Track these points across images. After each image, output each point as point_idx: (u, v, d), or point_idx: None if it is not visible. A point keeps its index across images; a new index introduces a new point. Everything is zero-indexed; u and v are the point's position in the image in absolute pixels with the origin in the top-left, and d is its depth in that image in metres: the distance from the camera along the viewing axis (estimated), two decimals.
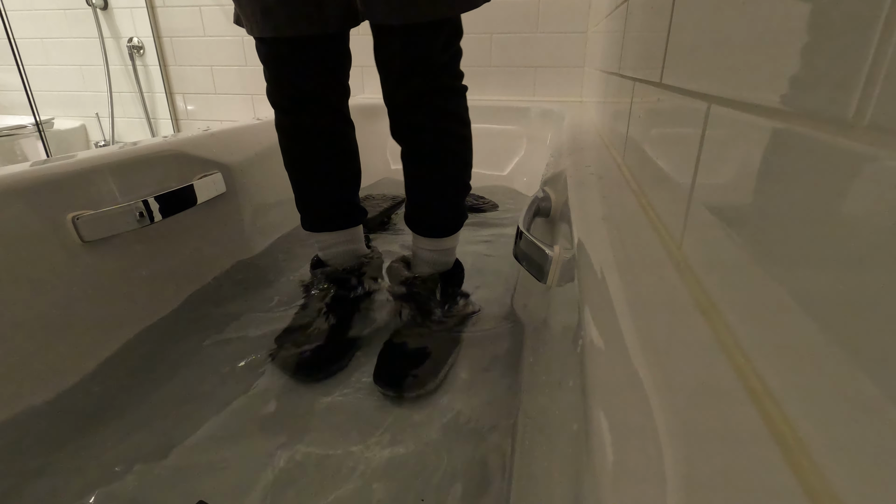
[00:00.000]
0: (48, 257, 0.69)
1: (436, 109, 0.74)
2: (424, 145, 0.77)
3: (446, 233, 0.83)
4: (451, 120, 0.76)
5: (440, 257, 0.85)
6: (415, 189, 0.82)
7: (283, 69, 0.74)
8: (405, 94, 0.73)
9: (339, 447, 0.60)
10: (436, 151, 0.77)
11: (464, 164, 0.80)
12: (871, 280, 0.18)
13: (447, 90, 0.74)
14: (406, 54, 0.69)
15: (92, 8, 2.06)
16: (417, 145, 0.77)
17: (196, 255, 0.97)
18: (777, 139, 0.26)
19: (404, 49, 0.69)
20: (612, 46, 1.02)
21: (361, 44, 0.81)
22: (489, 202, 1.54)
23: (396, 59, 0.71)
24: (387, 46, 0.71)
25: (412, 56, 0.69)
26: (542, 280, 0.56)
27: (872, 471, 0.17)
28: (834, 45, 0.21)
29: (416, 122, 0.75)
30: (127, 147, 0.85)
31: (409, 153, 0.79)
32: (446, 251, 0.86)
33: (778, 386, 0.24)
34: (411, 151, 0.79)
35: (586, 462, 0.26)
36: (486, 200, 1.55)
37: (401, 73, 0.71)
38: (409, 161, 0.80)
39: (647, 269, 0.39)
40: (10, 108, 2.25)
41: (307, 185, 0.82)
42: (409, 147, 0.79)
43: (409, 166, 0.80)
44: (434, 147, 0.76)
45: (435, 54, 0.70)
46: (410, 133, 0.77)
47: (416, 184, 0.81)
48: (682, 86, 0.44)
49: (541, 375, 0.55)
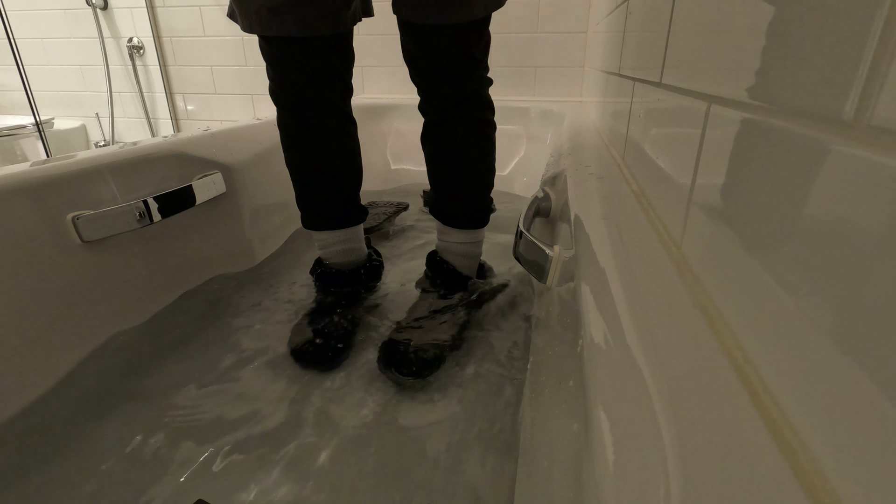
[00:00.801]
0: (48, 257, 0.69)
1: (478, 99, 0.79)
2: (468, 136, 0.80)
3: (480, 223, 0.86)
4: (488, 109, 0.81)
5: (473, 249, 0.88)
6: (449, 182, 0.84)
7: (288, 68, 0.74)
8: (450, 92, 0.76)
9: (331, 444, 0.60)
10: (478, 142, 0.81)
11: (494, 150, 0.84)
12: (870, 280, 0.18)
13: (487, 81, 0.80)
14: (450, 55, 0.73)
15: (92, 8, 2.06)
16: (459, 136, 0.80)
17: (196, 255, 0.97)
18: (777, 139, 0.26)
19: (447, 50, 0.72)
20: (612, 46, 1.02)
21: (361, 43, 0.81)
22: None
23: (441, 61, 0.74)
24: (427, 48, 0.73)
25: (457, 57, 0.73)
26: (542, 280, 0.56)
27: (873, 471, 0.17)
28: (834, 46, 0.21)
29: (460, 116, 0.78)
30: (127, 147, 0.85)
31: (447, 144, 0.81)
32: (478, 243, 0.88)
33: (778, 386, 0.24)
34: (450, 143, 0.81)
35: (586, 462, 0.26)
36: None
37: (446, 74, 0.75)
38: (446, 153, 0.82)
39: (647, 269, 0.39)
40: (10, 108, 2.26)
41: (308, 183, 0.82)
42: (450, 138, 0.81)
43: (447, 160, 0.82)
44: (476, 137, 0.80)
45: (477, 52, 0.75)
46: (453, 127, 0.79)
47: (454, 177, 0.83)
48: (682, 86, 0.44)
49: (541, 375, 0.55)
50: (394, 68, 1.86)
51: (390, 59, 1.85)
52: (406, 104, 1.80)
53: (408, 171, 1.81)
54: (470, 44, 0.73)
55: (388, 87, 1.90)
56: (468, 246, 0.87)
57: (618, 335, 0.31)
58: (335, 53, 0.74)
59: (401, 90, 1.91)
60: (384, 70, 1.89)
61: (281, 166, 0.83)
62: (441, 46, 0.72)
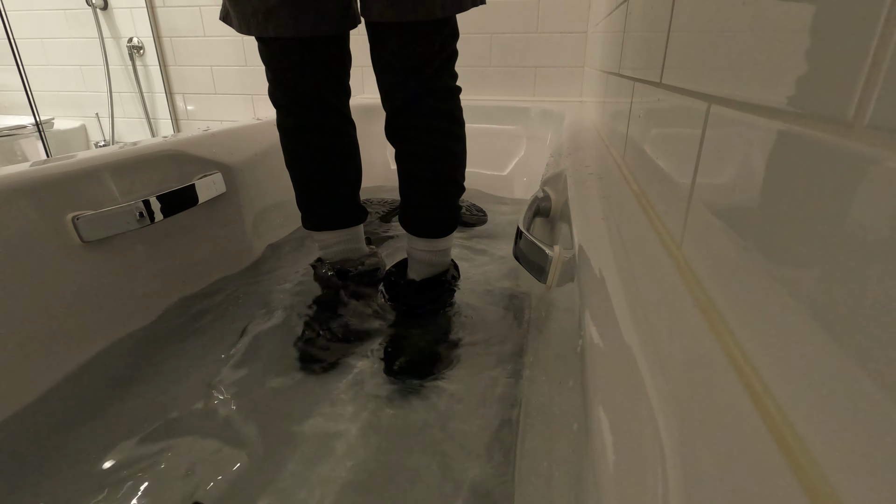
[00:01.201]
0: (48, 257, 0.69)
1: (432, 109, 0.75)
2: (420, 145, 0.77)
3: (441, 233, 0.83)
4: (446, 120, 0.77)
5: (436, 258, 0.86)
6: (410, 189, 0.82)
7: (285, 70, 0.74)
8: (402, 94, 0.74)
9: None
10: (431, 151, 0.77)
11: (458, 163, 0.81)
12: (870, 280, 0.18)
13: (444, 90, 0.75)
14: (404, 54, 0.70)
15: (92, 8, 2.06)
16: (413, 145, 0.78)
17: (196, 255, 0.97)
18: (777, 139, 0.26)
19: (402, 49, 0.70)
20: (612, 46, 1.02)
21: (361, 44, 0.81)
22: (477, 214, 1.43)
23: (394, 58, 0.71)
24: (384, 46, 0.72)
25: (410, 56, 0.70)
26: (542, 280, 0.56)
27: (873, 470, 0.17)
28: (834, 45, 0.21)
29: (411, 122, 0.76)
30: (127, 147, 0.85)
31: (404, 153, 0.79)
32: (442, 252, 0.86)
33: (778, 385, 0.24)
34: (406, 151, 0.79)
35: (586, 462, 0.26)
36: (475, 212, 1.44)
37: (398, 72, 0.72)
38: (403, 161, 0.80)
39: (647, 269, 0.39)
40: (10, 108, 2.25)
41: (308, 184, 0.82)
42: (405, 147, 0.79)
43: (404, 167, 0.81)
44: (429, 147, 0.77)
45: (433, 55, 0.71)
46: (406, 132, 0.77)
47: (412, 184, 0.81)
48: (682, 86, 0.44)
49: (541, 375, 0.55)
50: None
51: None
52: None
53: None
54: (426, 45, 0.70)
55: None
56: (429, 254, 0.84)
57: (618, 335, 0.31)
58: (332, 55, 0.74)
59: None
60: None
61: (281, 166, 0.83)
62: (396, 45, 0.70)
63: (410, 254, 0.87)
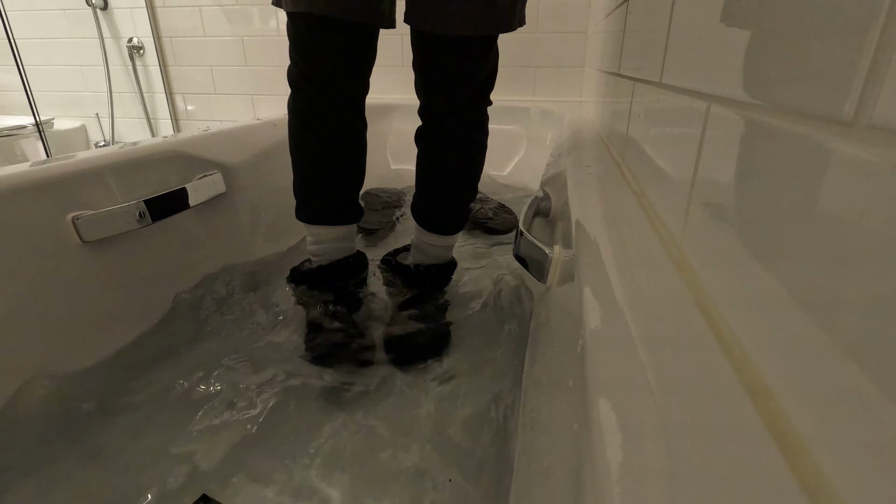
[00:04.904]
0: (48, 257, 0.69)
1: (469, 120, 0.83)
2: (452, 151, 0.83)
3: (453, 231, 0.90)
4: (478, 130, 0.85)
5: (441, 252, 0.92)
6: (430, 188, 0.87)
7: (308, 48, 0.73)
8: (445, 103, 0.80)
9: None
10: (460, 157, 0.84)
11: (479, 170, 0.88)
12: (870, 279, 0.18)
13: (484, 107, 0.83)
14: (452, 66, 0.76)
15: (92, 8, 2.06)
16: (445, 151, 0.83)
17: (196, 255, 0.97)
18: (777, 139, 0.26)
19: (452, 61, 0.75)
20: (612, 46, 1.02)
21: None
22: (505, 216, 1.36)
23: (444, 70, 0.77)
24: (435, 56, 0.76)
25: (459, 70, 0.76)
26: (542, 280, 0.56)
27: (872, 470, 0.17)
28: (833, 45, 0.21)
29: (448, 129, 0.82)
30: (127, 147, 0.85)
31: (432, 154, 0.85)
32: (447, 247, 0.92)
33: (778, 385, 0.24)
34: (436, 154, 0.84)
35: (586, 462, 0.26)
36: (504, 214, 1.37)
37: (446, 83, 0.78)
38: (430, 162, 0.86)
39: (647, 268, 0.39)
40: (10, 108, 2.25)
41: (312, 176, 0.81)
42: (435, 149, 0.84)
43: (430, 167, 0.86)
44: (459, 153, 0.83)
45: (480, 72, 0.77)
46: (441, 139, 0.83)
47: (435, 184, 0.87)
48: (682, 86, 0.44)
49: (541, 375, 0.55)
50: (394, 68, 1.86)
51: (391, 59, 1.85)
52: (406, 104, 1.80)
53: (408, 170, 1.80)
54: (473, 60, 0.76)
55: (388, 87, 1.90)
56: (436, 248, 0.91)
57: (618, 335, 0.31)
58: (358, 45, 0.74)
59: (401, 90, 1.90)
60: (385, 70, 1.88)
61: (281, 166, 0.83)
62: (443, 58, 0.75)
63: (417, 245, 0.93)
